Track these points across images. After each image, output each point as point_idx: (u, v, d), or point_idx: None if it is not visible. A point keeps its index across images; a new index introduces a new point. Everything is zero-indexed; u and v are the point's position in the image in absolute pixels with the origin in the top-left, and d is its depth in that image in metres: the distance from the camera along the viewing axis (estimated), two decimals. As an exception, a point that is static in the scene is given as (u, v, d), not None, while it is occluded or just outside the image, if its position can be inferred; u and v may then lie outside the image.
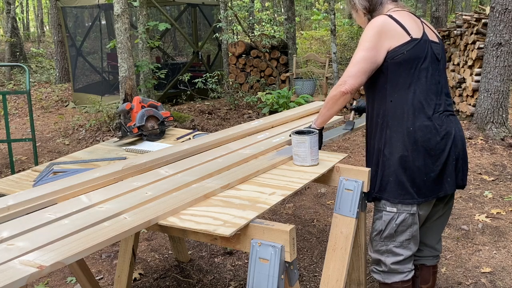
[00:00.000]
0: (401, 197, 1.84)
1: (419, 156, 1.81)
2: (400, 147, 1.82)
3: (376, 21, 1.83)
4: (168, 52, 9.99)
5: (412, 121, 1.81)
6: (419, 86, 1.81)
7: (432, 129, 1.81)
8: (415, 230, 1.89)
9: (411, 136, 1.80)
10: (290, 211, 3.76)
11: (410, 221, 1.86)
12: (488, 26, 5.20)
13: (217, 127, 6.42)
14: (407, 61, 1.79)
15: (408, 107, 1.81)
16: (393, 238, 1.89)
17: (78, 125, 6.90)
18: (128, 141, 2.36)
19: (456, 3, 14.19)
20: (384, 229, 1.89)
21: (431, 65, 1.83)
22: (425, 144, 1.80)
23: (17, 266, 1.05)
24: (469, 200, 3.78)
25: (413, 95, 1.81)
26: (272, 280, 1.28)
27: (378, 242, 1.93)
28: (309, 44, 14.38)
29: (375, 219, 1.94)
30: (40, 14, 20.64)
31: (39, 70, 12.49)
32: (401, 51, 1.78)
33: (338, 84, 1.85)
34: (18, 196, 1.49)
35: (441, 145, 1.82)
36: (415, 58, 1.80)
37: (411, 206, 1.84)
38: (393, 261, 1.91)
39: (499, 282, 2.63)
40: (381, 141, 1.88)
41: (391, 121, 1.85)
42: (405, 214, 1.85)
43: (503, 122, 5.21)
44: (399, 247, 1.90)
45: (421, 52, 1.81)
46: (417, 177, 1.82)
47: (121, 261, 2.52)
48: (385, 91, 1.85)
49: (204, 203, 1.48)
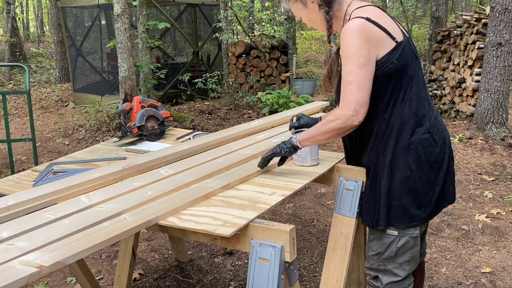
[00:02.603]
0: (407, 221, 1.66)
1: (424, 173, 1.64)
2: (402, 168, 1.63)
3: (355, 26, 1.52)
4: (168, 52, 9.99)
5: (410, 137, 1.62)
6: (412, 95, 1.61)
7: (431, 141, 1.64)
8: (416, 251, 1.73)
9: (413, 154, 1.62)
10: (290, 211, 3.76)
11: (411, 243, 1.70)
12: (488, 26, 5.20)
13: (217, 127, 6.42)
14: (398, 71, 1.57)
15: (405, 122, 1.61)
16: (392, 260, 1.72)
17: (78, 125, 6.90)
18: (128, 141, 2.36)
19: (456, 3, 14.19)
20: (383, 252, 1.72)
21: (415, 66, 1.63)
22: (427, 159, 1.63)
23: (17, 266, 1.05)
24: (469, 200, 3.78)
25: (409, 108, 1.61)
26: (272, 280, 1.27)
27: (375, 262, 1.76)
28: (309, 44, 14.38)
29: (372, 238, 1.75)
30: (40, 14, 20.64)
31: (39, 70, 12.49)
32: (391, 60, 1.55)
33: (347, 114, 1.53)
34: (18, 196, 1.49)
35: (441, 156, 1.67)
36: (404, 65, 1.58)
37: (414, 229, 1.68)
38: (390, 281, 1.74)
39: (499, 282, 2.63)
40: (378, 164, 1.68)
41: (388, 141, 1.64)
42: (407, 237, 1.68)
43: (503, 122, 5.21)
44: (398, 268, 1.72)
45: (408, 57, 1.59)
46: (423, 196, 1.66)
47: (121, 261, 2.52)
48: (377, 109, 1.61)
49: (204, 203, 1.48)
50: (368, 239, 1.80)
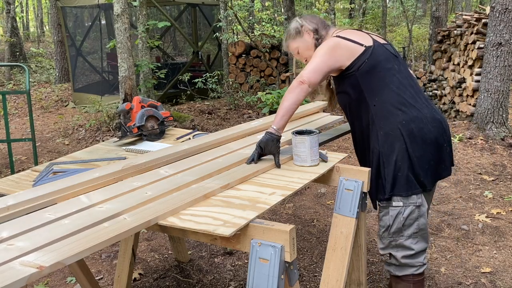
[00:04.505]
0: (411, 189, 1.89)
1: (418, 146, 1.88)
2: (398, 141, 1.88)
3: (328, 42, 1.95)
4: (168, 52, 9.99)
5: (402, 116, 1.89)
6: (394, 83, 1.92)
7: (422, 119, 1.90)
8: (422, 223, 1.94)
9: (406, 129, 1.88)
10: (290, 211, 3.75)
11: (416, 213, 1.92)
12: (488, 26, 5.20)
13: (217, 127, 6.42)
14: (373, 67, 1.91)
15: (393, 104, 1.90)
16: (401, 233, 1.94)
17: (78, 125, 6.90)
18: (128, 141, 2.36)
19: (456, 3, 14.19)
20: (391, 224, 1.94)
21: (394, 62, 1.96)
22: (420, 134, 1.88)
23: (17, 267, 1.05)
24: (469, 200, 3.78)
25: (393, 93, 1.91)
26: (272, 280, 1.27)
27: (386, 239, 1.98)
28: (309, 44, 14.35)
29: (381, 216, 1.99)
30: (40, 14, 20.63)
31: (38, 70, 12.49)
32: (363, 60, 1.91)
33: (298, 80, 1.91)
34: (18, 196, 1.48)
35: (433, 133, 1.91)
36: (378, 61, 1.92)
37: (416, 197, 1.90)
38: (403, 254, 1.96)
39: (499, 282, 2.63)
40: (377, 143, 1.94)
41: (381, 121, 1.92)
42: (411, 206, 1.91)
43: (503, 122, 5.21)
44: (407, 240, 1.94)
45: (380, 55, 1.93)
46: (420, 167, 1.89)
47: (121, 261, 2.52)
48: (365, 100, 1.94)
49: (204, 203, 1.48)
50: (378, 219, 2.02)
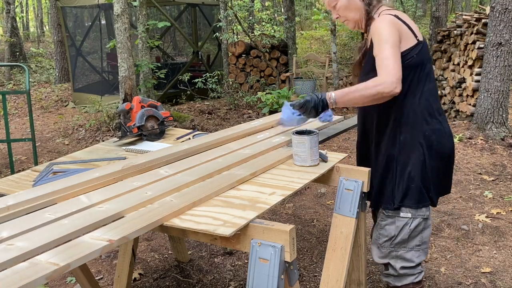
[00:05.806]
0: (422, 202, 1.82)
1: (433, 160, 1.82)
2: (417, 151, 1.80)
3: (387, 18, 1.73)
4: (168, 52, 9.99)
5: (426, 126, 1.80)
6: (427, 90, 1.80)
7: (443, 133, 1.83)
8: (425, 236, 1.87)
9: (427, 140, 1.80)
10: (290, 211, 3.75)
11: (422, 226, 1.85)
12: (488, 26, 5.20)
13: (217, 127, 6.42)
14: (415, 65, 1.76)
15: (421, 111, 1.79)
16: (404, 244, 1.86)
17: (77, 125, 6.90)
18: (128, 141, 2.36)
19: (456, 3, 14.20)
20: (396, 235, 1.86)
21: (430, 66, 1.84)
22: (438, 148, 1.82)
23: (88, 240, 1.16)
24: (469, 200, 3.78)
25: (424, 100, 1.79)
26: (272, 280, 1.27)
27: (387, 248, 1.89)
28: (309, 44, 14.38)
29: (384, 225, 1.89)
30: (39, 14, 20.63)
31: (38, 70, 12.49)
32: (412, 55, 1.75)
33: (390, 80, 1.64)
34: (18, 196, 1.48)
35: (450, 148, 1.87)
36: (421, 62, 1.77)
37: (425, 209, 1.85)
38: (402, 265, 1.88)
39: (499, 282, 2.63)
40: (394, 147, 1.83)
41: (403, 126, 1.81)
42: (419, 219, 1.84)
43: (503, 122, 5.21)
44: (409, 252, 1.87)
45: (426, 55, 1.79)
46: (433, 180, 1.84)
47: (121, 261, 2.52)
48: (396, 98, 1.74)
49: (204, 203, 1.48)
50: (379, 226, 1.92)
